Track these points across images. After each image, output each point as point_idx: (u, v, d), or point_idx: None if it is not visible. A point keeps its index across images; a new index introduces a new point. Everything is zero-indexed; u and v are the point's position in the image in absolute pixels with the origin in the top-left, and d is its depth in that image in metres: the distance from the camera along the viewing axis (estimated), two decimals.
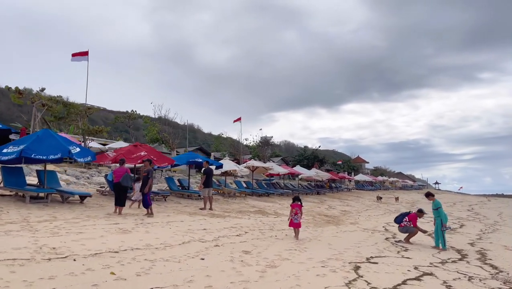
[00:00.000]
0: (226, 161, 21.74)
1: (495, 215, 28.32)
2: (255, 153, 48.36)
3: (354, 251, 9.21)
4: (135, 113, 26.35)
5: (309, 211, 18.82)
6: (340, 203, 26.52)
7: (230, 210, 15.46)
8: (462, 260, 9.20)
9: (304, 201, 24.50)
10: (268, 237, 10.23)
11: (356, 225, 15.15)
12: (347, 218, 17.76)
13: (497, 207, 43.16)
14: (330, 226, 14.09)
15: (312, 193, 31.85)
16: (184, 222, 11.19)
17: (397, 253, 9.49)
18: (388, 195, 46.14)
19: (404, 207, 29.44)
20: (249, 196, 22.15)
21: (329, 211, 19.87)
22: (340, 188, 42.63)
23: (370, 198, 36.46)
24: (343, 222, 15.98)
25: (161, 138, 33.63)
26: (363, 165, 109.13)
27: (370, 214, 21.05)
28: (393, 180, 72.24)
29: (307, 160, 56.75)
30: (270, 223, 13.18)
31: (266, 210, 16.81)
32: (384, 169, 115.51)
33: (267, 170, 25.18)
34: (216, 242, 8.80)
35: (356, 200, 31.72)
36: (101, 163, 16.38)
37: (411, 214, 11.66)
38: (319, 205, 22.60)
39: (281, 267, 6.89)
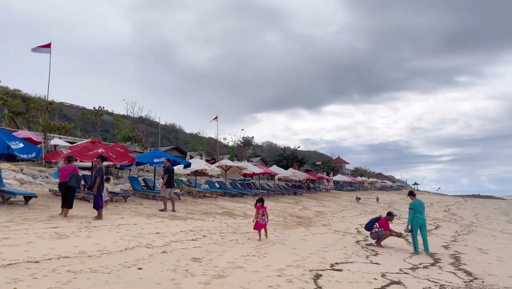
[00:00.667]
0: (196, 160, 20.81)
1: (471, 216, 28.18)
2: (233, 153, 47.44)
3: (319, 257, 8.43)
4: (102, 110, 25.09)
5: (281, 212, 18.04)
6: (316, 203, 25.87)
7: (195, 212, 14.53)
8: (434, 265, 8.53)
9: (279, 201, 23.74)
10: (227, 242, 9.36)
11: (327, 227, 14.43)
12: (320, 219, 17.05)
13: (473, 207, 43.40)
14: (299, 228, 13.32)
15: (289, 193, 31.14)
16: (137, 225, 10.22)
17: (365, 258, 8.76)
18: (367, 195, 45.88)
19: (381, 208, 29.00)
20: (221, 197, 21.25)
21: (302, 212, 19.14)
22: (318, 189, 42.09)
23: (347, 198, 36.00)
24: (315, 223, 15.25)
25: (134, 136, 32.37)
26: (343, 166, 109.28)
27: (345, 215, 20.42)
28: (373, 181, 72.33)
29: (286, 160, 56.08)
30: (235, 225, 12.32)
31: (235, 212, 15.95)
32: (364, 170, 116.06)
33: (241, 169, 24.31)
34: (165, 247, 7.89)
35: (333, 200, 31.16)
36: (52, 161, 15.20)
37: (381, 219, 10.98)
38: (294, 206, 21.87)
39: (230, 277, 6.04)
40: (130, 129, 32.32)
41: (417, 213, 9.97)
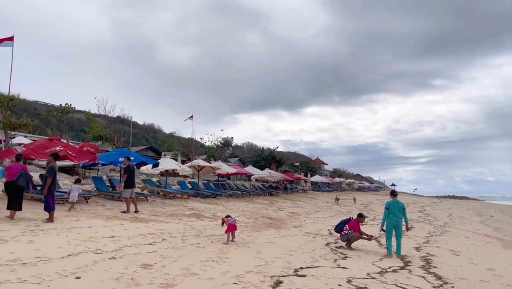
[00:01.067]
0: (167, 160, 20.07)
1: (445, 216, 28.30)
2: (210, 153, 46.70)
3: (284, 261, 7.93)
4: (69, 107, 24.01)
5: (254, 213, 17.52)
6: (292, 204, 25.46)
7: (161, 214, 13.84)
8: (404, 269, 8.14)
9: (254, 202, 23.21)
10: (187, 245, 8.76)
11: (299, 229, 13.98)
12: (293, 220, 16.60)
13: (448, 208, 43.88)
14: (269, 230, 12.82)
15: (264, 194, 30.65)
16: (91, 228, 9.50)
17: (333, 262, 8.31)
18: (345, 196, 45.84)
19: (357, 209, 28.85)
20: (193, 198, 20.57)
21: (275, 213, 18.66)
22: (295, 189, 41.77)
23: (324, 199, 35.79)
24: (286, 225, 14.78)
25: (105, 135, 31.28)
26: (322, 167, 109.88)
27: (319, 216, 20.05)
28: (350, 182, 72.70)
29: (264, 161, 55.67)
30: (201, 228, 11.72)
31: (204, 213, 15.32)
32: (343, 171, 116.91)
33: (215, 170, 23.67)
34: (115, 253, 7.24)
35: (309, 201, 30.84)
36: (4, 159, 14.26)
37: (351, 221, 10.58)
38: (268, 207, 21.38)
39: (179, 286, 5.46)
40: (102, 128, 31.20)
41: (392, 214, 9.58)
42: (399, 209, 9.60)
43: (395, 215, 9.55)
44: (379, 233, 14.23)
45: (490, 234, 17.83)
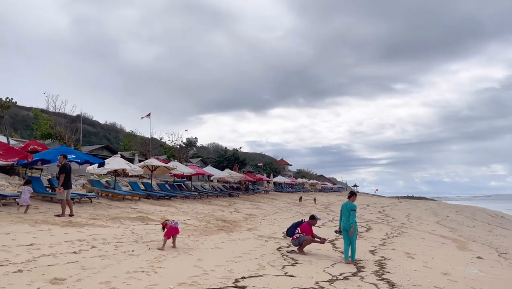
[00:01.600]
0: (116, 159, 18.81)
1: (403, 217, 28.51)
2: (170, 153, 45.26)
3: (225, 269, 7.14)
4: (10, 102, 22.07)
5: (208, 215, 16.63)
6: (251, 206, 24.75)
7: (102, 217, 12.70)
8: (356, 275, 7.56)
9: (211, 204, 22.31)
10: (120, 253, 7.79)
11: (252, 232, 13.24)
12: (248, 223, 15.86)
13: (406, 208, 44.68)
14: (220, 234, 11.99)
15: (224, 195, 29.77)
16: (8, 236, 8.32)
17: (281, 269, 7.61)
18: (306, 197, 45.70)
19: (317, 210, 28.55)
20: (145, 200, 19.41)
21: (231, 215, 17.85)
22: (257, 190, 41.16)
23: (285, 200, 35.37)
24: (240, 228, 14.00)
25: (55, 133, 29.35)
26: (286, 168, 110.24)
27: (277, 217, 19.43)
28: (313, 182, 73.06)
29: (227, 162, 54.77)
30: (143, 232, 10.72)
31: (152, 216, 14.29)
32: (307, 172, 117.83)
33: (170, 170, 22.57)
34: (25, 264, 6.18)
35: (269, 202, 30.26)
36: None
37: (303, 224, 9.96)
38: (225, 209, 20.54)
39: None
40: (51, 125, 29.25)
41: (344, 216, 9.04)
42: (348, 211, 8.98)
43: (345, 218, 8.96)
44: (335, 235, 13.75)
45: (446, 235, 17.84)
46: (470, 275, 8.73)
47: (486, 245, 14.66)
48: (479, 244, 14.95)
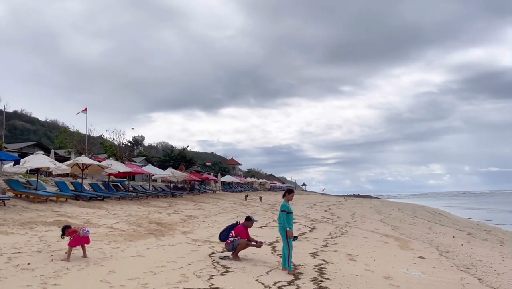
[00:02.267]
0: (38, 156, 16.82)
1: (348, 216, 28.54)
2: (111, 152, 42.74)
3: (138, 284, 6.03)
4: None
5: (141, 218, 15.25)
6: (193, 206, 23.52)
7: (10, 222, 11.02)
8: (292, 284, 6.73)
9: (149, 205, 20.86)
10: (10, 267, 6.44)
11: (187, 235, 12.11)
12: (185, 225, 14.69)
13: (352, 207, 45.35)
14: (148, 239, 10.77)
15: (166, 196, 28.23)
16: None
17: (207, 279, 6.60)
18: (254, 196, 45.06)
19: (263, 209, 27.87)
20: (74, 201, 17.60)
21: (168, 218, 16.58)
22: (203, 190, 39.84)
23: (232, 200, 34.41)
24: (174, 231, 12.82)
25: None
26: (236, 167, 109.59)
27: (218, 218, 18.39)
28: (262, 182, 72.79)
29: (173, 161, 52.86)
30: (53, 239, 9.27)
31: (75, 220, 12.74)
32: (257, 171, 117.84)
33: (104, 168, 20.81)
34: None
35: (214, 202, 29.14)
36: None
37: (237, 226, 9.02)
38: (163, 210, 19.19)
39: None
40: None
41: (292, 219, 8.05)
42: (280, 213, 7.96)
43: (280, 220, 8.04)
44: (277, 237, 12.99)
45: (388, 233, 17.72)
46: (412, 278, 8.22)
47: (427, 244, 14.56)
48: (420, 243, 14.83)
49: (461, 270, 9.67)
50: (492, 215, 43.09)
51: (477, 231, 22.66)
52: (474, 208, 60.36)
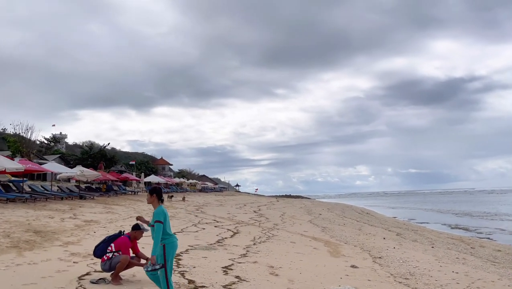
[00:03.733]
0: None
1: (277, 217, 27.04)
2: (15, 148, 37.51)
3: None
4: None
5: (17, 225, 12.15)
6: (102, 210, 20.40)
7: None
8: None
9: (44, 209, 17.56)
10: None
11: (67, 247, 9.42)
12: (75, 233, 11.87)
13: (283, 207, 44.35)
14: (6, 255, 7.98)
15: (72, 197, 24.62)
16: None
17: None
18: (179, 197, 42.22)
19: (187, 212, 25.38)
20: None
21: (58, 224, 13.60)
22: (123, 191, 36.21)
23: None
24: (52, 242, 10.05)
25: None
26: (166, 167, 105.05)
27: (125, 224, 15.62)
28: (192, 182, 69.81)
29: (92, 159, 48.25)
30: None
31: None
32: (189, 172, 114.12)
33: None
34: None
35: (132, 204, 26.05)
36: None
37: (120, 237, 6.64)
38: (58, 214, 16.05)
39: None
40: None
41: (168, 229, 5.35)
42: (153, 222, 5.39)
43: (170, 230, 5.39)
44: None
45: (318, 236, 16.26)
46: None
47: (359, 248, 13.19)
48: (352, 247, 13.45)
49: (399, 282, 8.16)
50: (415, 214, 44.57)
51: (405, 231, 22.23)
52: (396, 207, 62.85)
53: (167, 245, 5.22)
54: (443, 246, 15.69)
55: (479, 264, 11.41)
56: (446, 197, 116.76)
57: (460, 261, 11.69)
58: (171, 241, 5.26)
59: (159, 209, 5.30)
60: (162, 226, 5.12)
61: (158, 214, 5.22)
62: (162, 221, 5.15)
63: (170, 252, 5.27)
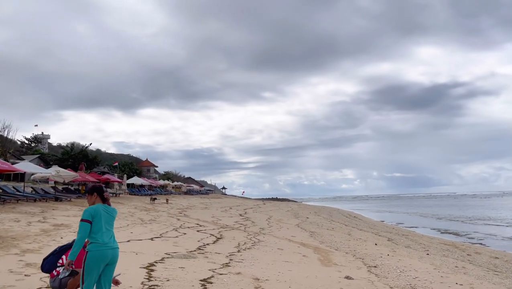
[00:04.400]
0: None
1: (264, 220, 26.06)
2: None
3: None
4: None
5: None
6: (77, 213, 19.10)
7: None
8: None
9: (12, 212, 16.26)
10: None
11: (23, 256, 8.25)
12: (39, 239, 10.69)
13: (269, 210, 43.40)
14: None
15: (47, 199, 23.25)
16: None
17: None
18: (163, 199, 40.92)
19: (169, 214, 24.21)
20: None
21: (22, 228, 12.38)
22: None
23: (135, 204, 30.11)
24: (8, 249, 8.87)
25: None
26: (151, 169, 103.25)
27: None
28: (177, 184, 68.35)
29: (73, 160, 46.58)
30: None
31: None
32: (175, 174, 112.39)
33: None
34: None
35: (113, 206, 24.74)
36: None
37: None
38: (25, 218, 14.80)
39: None
40: None
41: (98, 233, 4.32)
42: (112, 224, 4.58)
43: (105, 235, 4.38)
44: (165, 253, 9.88)
45: (307, 242, 15.31)
46: None
47: (351, 255, 12.28)
48: (343, 254, 12.53)
49: None
50: (402, 218, 44.08)
51: (395, 236, 21.47)
52: (382, 211, 62.50)
53: (89, 253, 4.24)
54: (438, 252, 14.92)
55: (481, 273, 10.61)
56: (431, 201, 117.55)
57: (460, 270, 10.87)
58: (96, 249, 4.24)
59: (91, 207, 4.42)
60: (87, 226, 4.23)
61: (86, 212, 4.34)
62: (89, 220, 4.25)
63: (91, 264, 4.22)
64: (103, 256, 4.27)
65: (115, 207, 18.14)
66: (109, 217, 4.52)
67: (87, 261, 4.24)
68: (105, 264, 4.33)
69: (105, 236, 4.32)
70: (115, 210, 4.68)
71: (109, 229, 4.46)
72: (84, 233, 4.22)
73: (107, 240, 4.33)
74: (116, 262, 4.48)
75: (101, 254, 4.26)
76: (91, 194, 4.56)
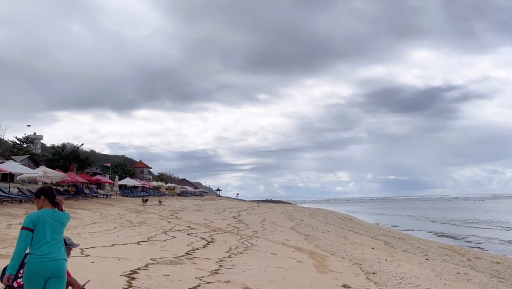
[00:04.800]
0: None
1: (258, 223, 25.49)
2: None
3: None
4: None
5: None
6: None
7: None
8: None
9: None
10: None
11: None
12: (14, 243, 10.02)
13: (263, 212, 42.85)
14: None
15: (32, 200, 22.50)
16: None
17: None
18: (156, 201, 40.21)
19: (160, 217, 23.56)
20: None
21: (1, 232, 11.72)
22: (95, 195, 34.02)
23: (126, 205, 29.42)
24: None
25: None
26: (145, 171, 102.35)
27: (83, 231, 13.84)
28: (171, 186, 67.50)
29: (64, 160, 45.72)
30: None
31: None
32: (169, 176, 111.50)
33: None
34: None
35: (100, 209, 24.09)
36: None
37: None
38: (6, 220, 14.13)
39: None
40: None
41: (40, 242, 3.64)
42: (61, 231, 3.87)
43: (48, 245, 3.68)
44: (150, 259, 9.25)
45: (301, 246, 14.75)
46: None
47: (347, 260, 11.73)
48: (339, 259, 11.97)
49: None
50: (397, 221, 43.72)
51: (392, 239, 20.98)
52: (377, 214, 62.17)
53: (26, 266, 3.62)
54: (437, 257, 14.41)
55: (485, 281, 10.09)
56: (425, 203, 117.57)
57: (462, 276, 10.35)
58: (34, 261, 3.59)
59: (34, 213, 3.77)
60: (28, 234, 3.60)
61: (27, 218, 3.71)
62: (31, 228, 3.62)
63: (28, 279, 3.58)
64: (41, 269, 3.59)
65: (104, 209, 17.38)
66: (56, 223, 3.82)
67: (24, 275, 3.61)
68: (46, 278, 3.66)
69: (47, 246, 3.67)
70: (66, 215, 4.00)
71: (56, 238, 3.79)
72: (23, 243, 3.58)
73: (48, 251, 3.65)
74: (63, 275, 3.77)
75: (39, 266, 3.59)
76: (38, 197, 3.89)
